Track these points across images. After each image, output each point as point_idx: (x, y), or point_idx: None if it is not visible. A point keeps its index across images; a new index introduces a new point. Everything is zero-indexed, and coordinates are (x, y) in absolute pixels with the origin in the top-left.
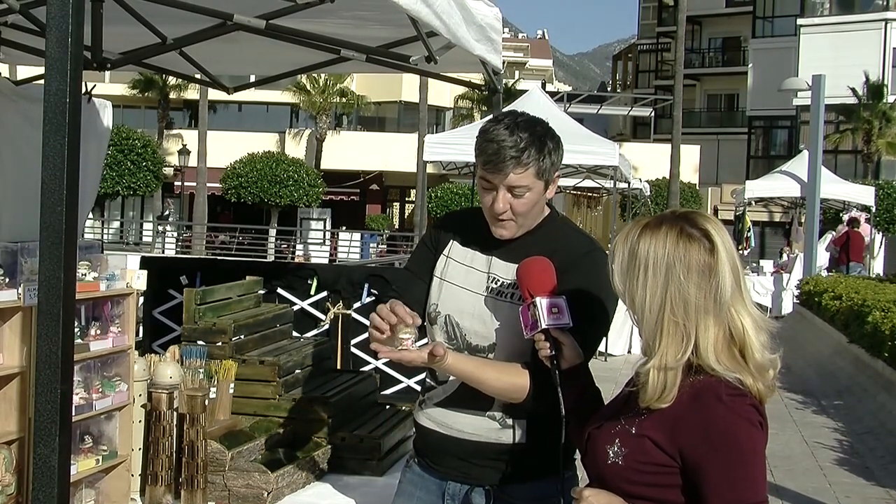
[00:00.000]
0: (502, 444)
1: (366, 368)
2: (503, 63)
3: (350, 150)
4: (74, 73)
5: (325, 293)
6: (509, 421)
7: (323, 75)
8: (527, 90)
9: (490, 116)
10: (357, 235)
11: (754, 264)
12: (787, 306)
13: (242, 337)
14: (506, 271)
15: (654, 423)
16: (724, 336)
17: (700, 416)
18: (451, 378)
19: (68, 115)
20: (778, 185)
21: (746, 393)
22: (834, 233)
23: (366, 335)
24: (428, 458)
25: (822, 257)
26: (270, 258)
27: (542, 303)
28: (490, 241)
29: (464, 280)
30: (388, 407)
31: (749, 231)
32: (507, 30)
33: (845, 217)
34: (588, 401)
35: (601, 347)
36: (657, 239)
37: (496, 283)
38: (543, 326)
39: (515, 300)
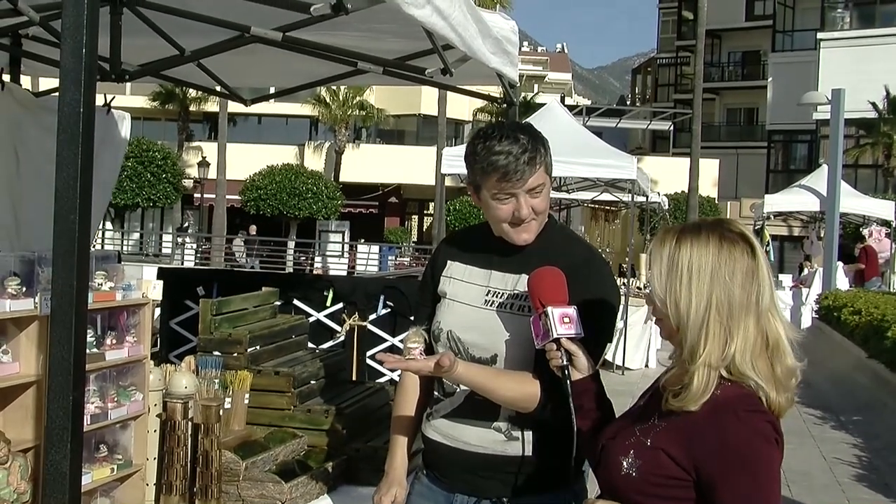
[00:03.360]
0: (508, 456)
1: (381, 380)
2: (521, 76)
3: (369, 163)
4: (89, 84)
5: (340, 305)
6: (515, 433)
7: (342, 88)
8: (545, 103)
9: (472, 139)
10: (376, 248)
11: (773, 279)
12: (807, 321)
13: (258, 348)
14: (504, 282)
15: (670, 436)
16: (762, 340)
17: (716, 432)
18: (458, 390)
19: (82, 125)
20: (797, 199)
21: (764, 409)
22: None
23: (381, 346)
24: (436, 470)
25: (843, 282)
26: (289, 270)
27: (553, 312)
28: (488, 255)
29: (463, 295)
30: None
31: (768, 245)
32: (526, 43)
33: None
34: (600, 412)
35: (618, 361)
36: (699, 244)
37: (495, 296)
38: (555, 336)
39: (515, 310)
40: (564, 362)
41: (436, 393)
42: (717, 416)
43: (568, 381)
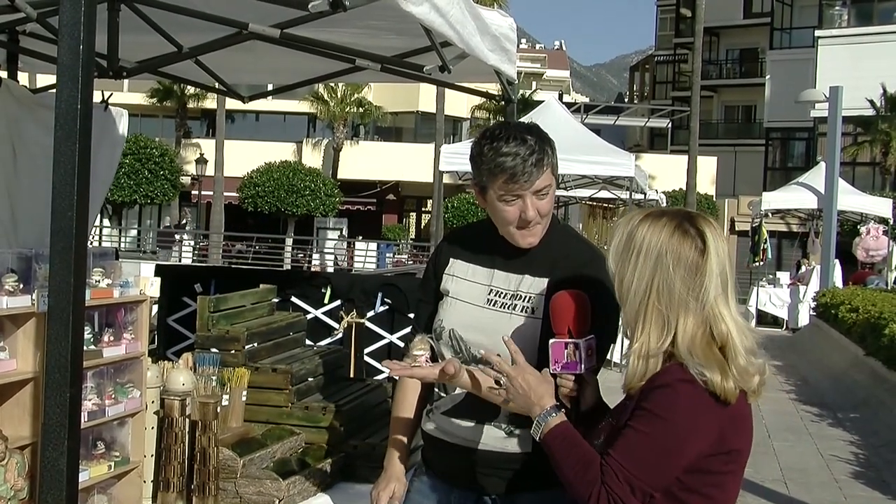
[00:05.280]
0: (508, 453)
1: (379, 377)
2: (519, 74)
3: (367, 160)
4: (86, 80)
5: (338, 302)
6: (515, 430)
7: (340, 85)
8: (543, 101)
9: (478, 138)
10: (373, 245)
11: (770, 276)
12: (804, 318)
13: (255, 345)
14: (507, 282)
15: (626, 413)
16: (704, 334)
17: (647, 394)
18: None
19: (79, 122)
20: (795, 196)
21: (698, 383)
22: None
23: (379, 344)
24: (435, 466)
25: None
26: (287, 267)
27: (583, 346)
28: (491, 254)
29: (466, 294)
30: None
31: (765, 243)
32: (524, 40)
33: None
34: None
35: (616, 358)
36: (655, 227)
37: (497, 295)
38: (582, 371)
39: (518, 311)
40: (575, 394)
41: (436, 389)
42: (654, 383)
43: (575, 410)
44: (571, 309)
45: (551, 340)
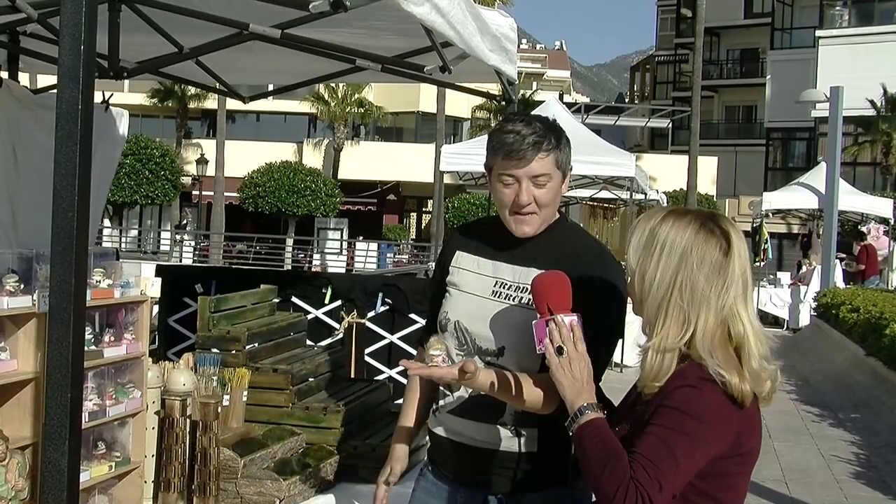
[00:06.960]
0: (513, 452)
1: (379, 377)
2: (520, 74)
3: (367, 160)
4: (87, 81)
5: (339, 302)
6: (520, 430)
7: (341, 85)
8: (544, 101)
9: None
10: (374, 245)
11: (771, 276)
12: (805, 319)
13: (256, 345)
14: (513, 275)
15: (644, 418)
16: (723, 333)
17: (667, 395)
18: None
19: (80, 123)
20: (796, 196)
21: (717, 382)
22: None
23: (380, 344)
24: (441, 465)
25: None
26: (287, 268)
27: (565, 321)
28: (497, 247)
29: (472, 286)
30: None
31: (766, 243)
32: (525, 41)
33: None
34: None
35: (616, 359)
36: (680, 224)
37: (503, 287)
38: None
39: (522, 304)
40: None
41: (442, 388)
42: (673, 383)
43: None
44: (548, 287)
45: (533, 322)
